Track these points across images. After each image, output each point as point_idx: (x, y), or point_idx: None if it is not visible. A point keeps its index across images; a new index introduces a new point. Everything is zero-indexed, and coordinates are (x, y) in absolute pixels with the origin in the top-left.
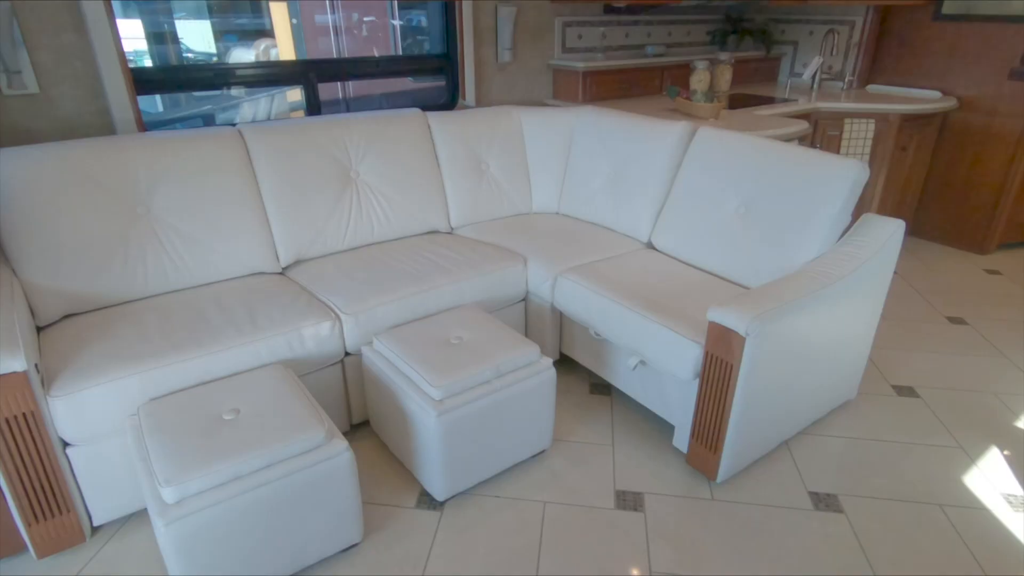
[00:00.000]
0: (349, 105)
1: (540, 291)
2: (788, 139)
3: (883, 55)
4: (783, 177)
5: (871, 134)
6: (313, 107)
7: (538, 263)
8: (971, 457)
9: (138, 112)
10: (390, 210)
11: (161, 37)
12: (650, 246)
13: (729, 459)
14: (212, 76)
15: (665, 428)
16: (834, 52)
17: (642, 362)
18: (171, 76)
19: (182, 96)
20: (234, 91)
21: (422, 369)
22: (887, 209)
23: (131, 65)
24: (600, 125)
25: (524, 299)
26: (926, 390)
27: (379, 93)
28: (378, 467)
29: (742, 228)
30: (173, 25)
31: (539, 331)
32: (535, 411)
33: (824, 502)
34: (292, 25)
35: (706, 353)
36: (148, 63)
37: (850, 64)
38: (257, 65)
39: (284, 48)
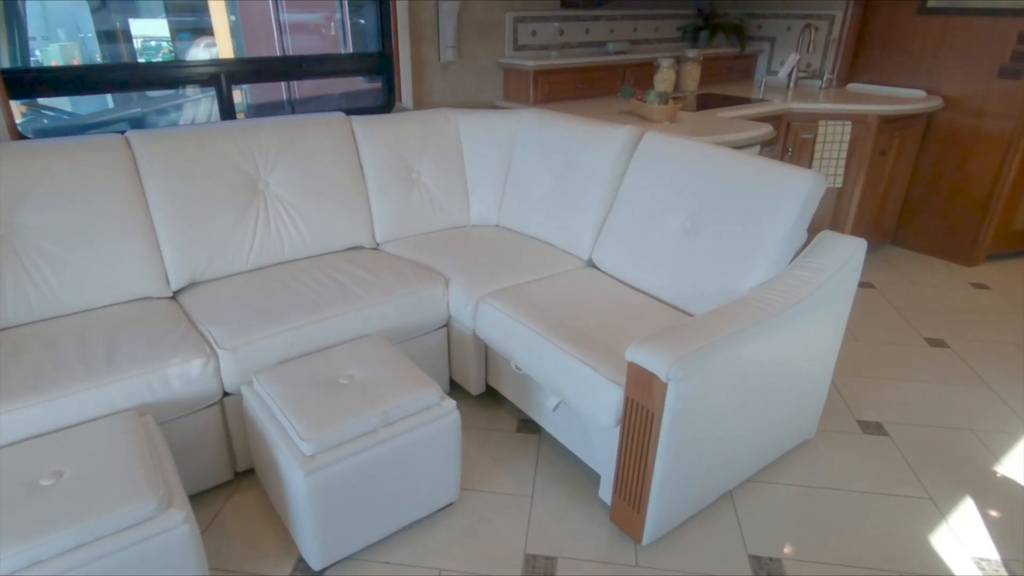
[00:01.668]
0: (295, 107)
1: (462, 317)
2: (750, 144)
3: (865, 52)
4: (731, 190)
5: (847, 137)
6: (227, 112)
7: (460, 285)
8: (941, 511)
9: (10, 117)
10: (303, 225)
11: (112, 36)
12: (591, 264)
13: (656, 518)
14: (115, 77)
15: (593, 476)
16: (811, 49)
17: (562, 402)
18: (66, 77)
19: (134, 95)
20: (189, 90)
21: (294, 417)
22: (865, 218)
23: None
24: (542, 129)
25: (446, 325)
26: (896, 427)
27: (339, 93)
28: (258, 525)
29: (687, 246)
30: (127, 24)
31: (462, 361)
32: (436, 461)
33: (766, 568)
34: (231, 23)
35: (626, 398)
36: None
37: (829, 62)
38: (163, 66)
39: (223, 47)
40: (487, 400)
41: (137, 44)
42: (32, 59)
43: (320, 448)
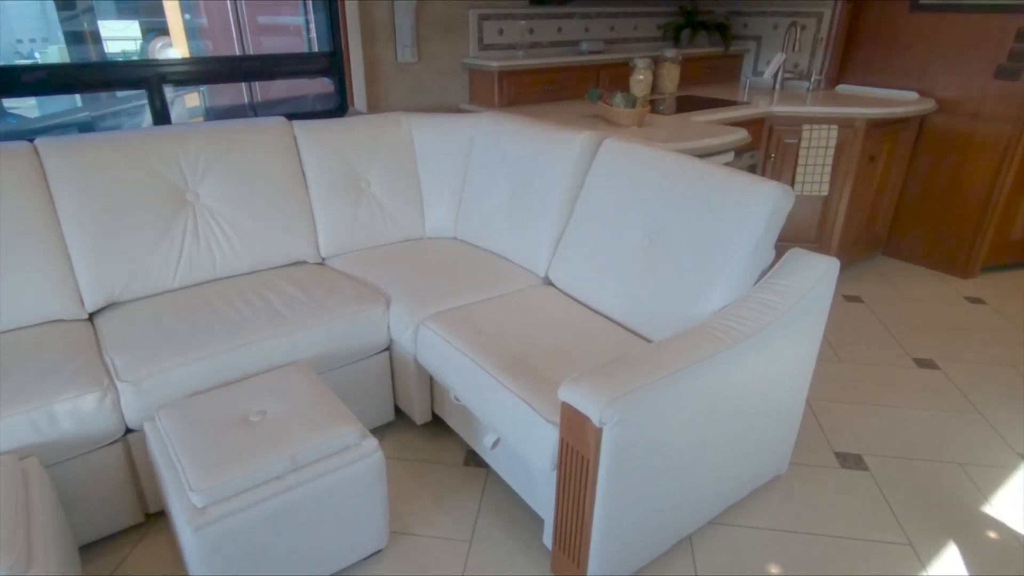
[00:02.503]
0: (257, 110)
1: (402, 341)
2: (724, 150)
3: (855, 51)
4: (690, 203)
5: (833, 142)
6: (161, 117)
7: (402, 306)
8: (921, 560)
9: None
10: (238, 240)
11: (80, 36)
12: (548, 282)
13: (599, 570)
14: (34, 78)
15: (538, 518)
16: (797, 48)
17: (500, 440)
18: None
19: (103, 96)
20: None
21: (189, 463)
22: (853, 228)
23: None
24: (499, 135)
25: (388, 348)
26: (877, 460)
27: (313, 95)
28: (169, 572)
29: (645, 264)
30: (95, 24)
31: (406, 387)
32: (358, 507)
33: None
34: (185, 21)
35: (561, 440)
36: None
37: (817, 62)
38: (89, 67)
39: (180, 47)
40: (434, 429)
41: (116, 47)
42: (32, 61)
43: (213, 499)
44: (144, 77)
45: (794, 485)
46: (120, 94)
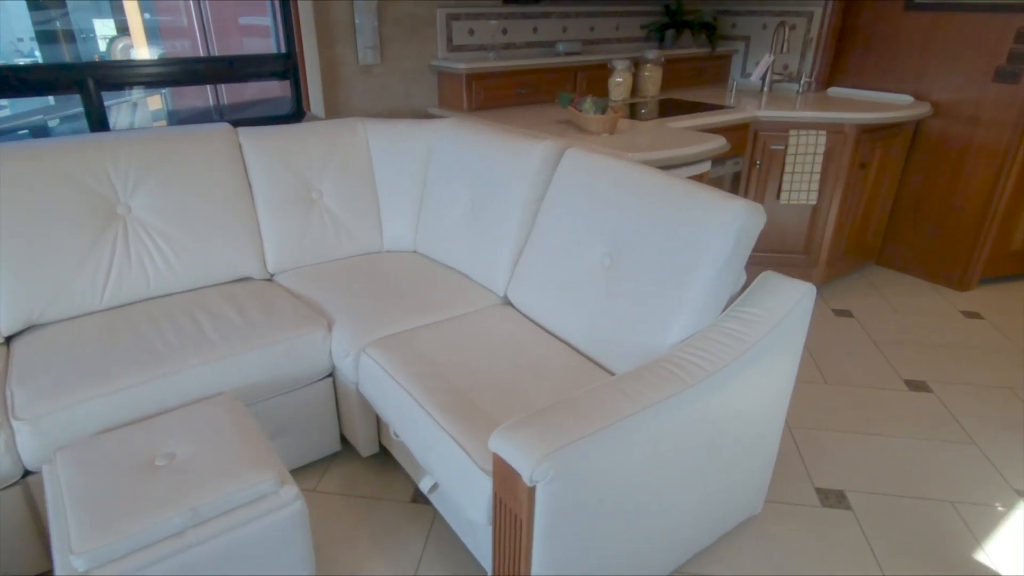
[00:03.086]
0: (223, 113)
1: (344, 368)
2: (700, 159)
3: (847, 52)
4: (653, 221)
5: (821, 148)
6: (97, 122)
7: (345, 330)
8: None
9: None
10: (174, 256)
11: (53, 35)
12: (507, 302)
13: None
14: None
15: (482, 569)
16: (785, 49)
17: (437, 485)
18: None
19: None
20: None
21: (75, 518)
22: (843, 238)
23: None
24: (458, 142)
25: (332, 374)
26: (861, 497)
27: (285, 97)
28: None
29: (605, 286)
30: (69, 22)
31: (350, 417)
32: (274, 563)
33: None
34: (145, 21)
35: (494, 494)
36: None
37: (807, 63)
38: (22, 69)
39: (141, 47)
40: (382, 461)
41: (102, 45)
42: (33, 60)
43: (97, 563)
44: (76, 80)
45: (769, 527)
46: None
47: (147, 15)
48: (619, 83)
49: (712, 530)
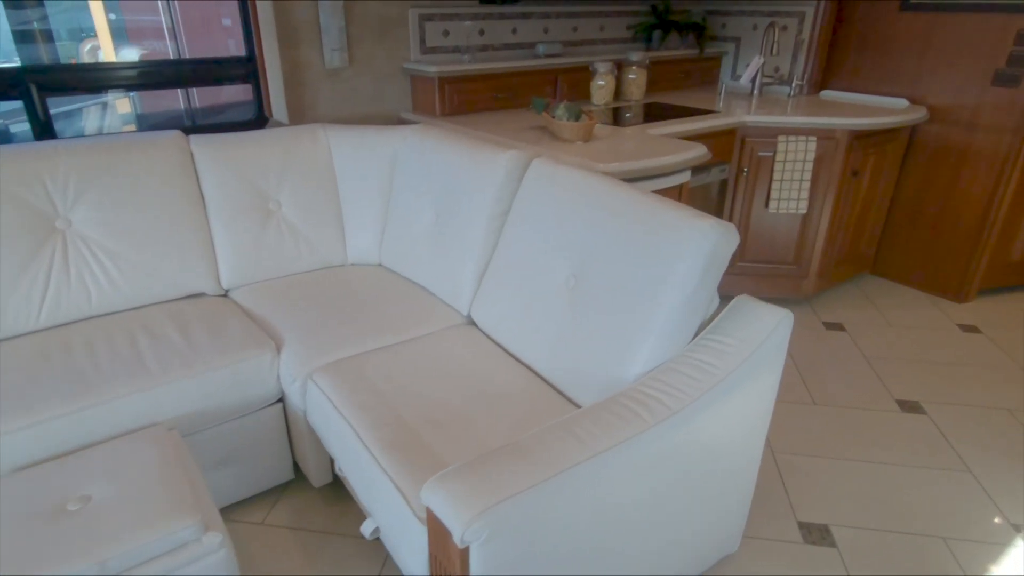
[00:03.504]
0: (195, 117)
1: (292, 394)
2: (680, 168)
3: (840, 54)
4: (621, 239)
5: (811, 155)
6: (41, 129)
7: (294, 353)
8: None
9: None
10: (118, 272)
11: (31, 35)
12: (471, 321)
13: None
14: None
15: None
16: (775, 51)
17: (379, 529)
18: None
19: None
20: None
21: None
22: (835, 248)
23: None
24: (423, 151)
25: (282, 399)
26: (847, 532)
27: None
28: None
29: (570, 309)
30: (47, 22)
31: (301, 444)
32: None
33: None
34: (110, 21)
35: (430, 551)
36: None
37: (799, 65)
38: None
39: (107, 49)
40: (336, 491)
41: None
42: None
43: None
44: (13, 85)
45: (747, 566)
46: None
47: (112, 15)
48: (601, 86)
49: (683, 572)
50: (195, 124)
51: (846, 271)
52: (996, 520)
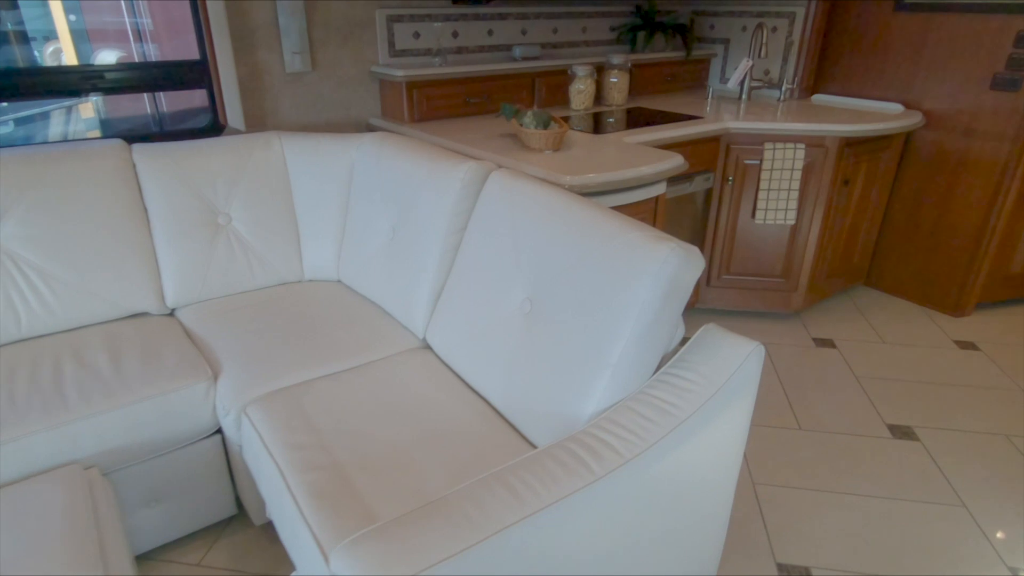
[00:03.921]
0: (163, 123)
1: (228, 426)
2: (656, 180)
3: (832, 56)
4: (578, 263)
5: (800, 163)
6: None
7: (230, 381)
8: None
9: None
10: (50, 292)
11: (3, 36)
12: (427, 345)
13: None
14: None
15: None
16: (763, 54)
17: None
18: None
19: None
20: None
21: None
22: (825, 261)
23: None
24: (381, 160)
25: (220, 431)
26: (828, 575)
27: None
28: None
29: (525, 337)
30: (22, 22)
31: (242, 478)
32: None
33: None
34: (70, 23)
35: None
36: None
37: (790, 68)
38: None
39: (68, 51)
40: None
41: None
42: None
43: None
44: None
45: None
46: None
47: (72, 16)
48: (580, 91)
49: None
50: (150, 132)
51: (838, 284)
52: (992, 563)
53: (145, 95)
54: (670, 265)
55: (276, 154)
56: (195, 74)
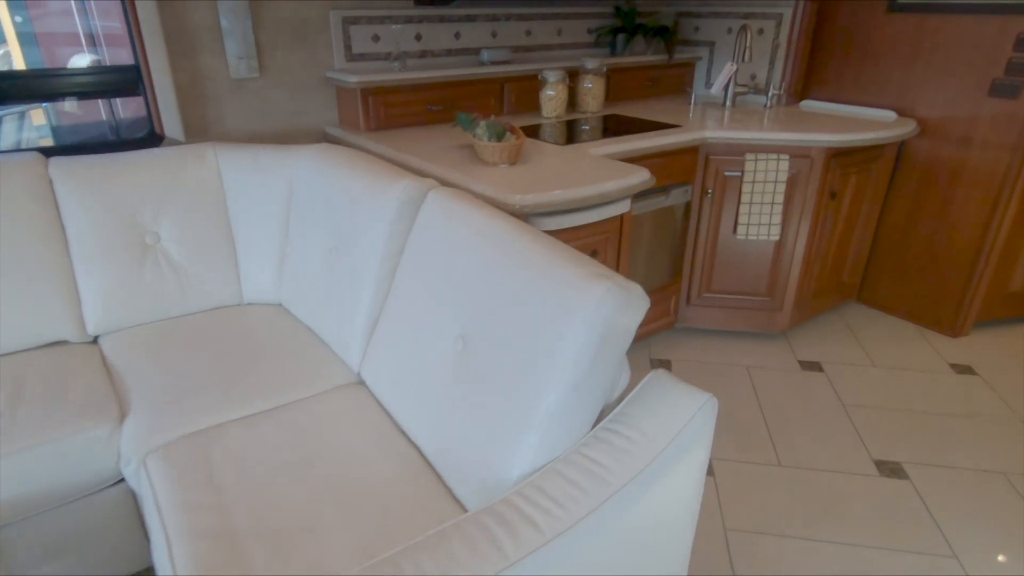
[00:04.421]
0: (120, 130)
1: (129, 476)
2: (613, 199)
3: (822, 60)
4: (510, 299)
5: (784, 175)
6: None
7: (137, 424)
8: None
9: None
10: None
11: None
12: (362, 381)
13: None
14: None
15: None
16: (747, 57)
17: None
18: None
19: None
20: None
21: None
22: (812, 279)
23: None
24: (320, 175)
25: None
26: None
27: None
28: None
29: (456, 380)
30: None
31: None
32: None
33: None
34: (16, 25)
35: None
36: None
37: (777, 73)
38: None
39: (17, 55)
40: None
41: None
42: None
43: None
44: None
45: None
46: None
47: (18, 18)
48: (551, 97)
49: None
50: (119, 138)
51: (827, 302)
52: None
53: (100, 102)
54: (606, 307)
55: (210, 167)
56: (128, 81)
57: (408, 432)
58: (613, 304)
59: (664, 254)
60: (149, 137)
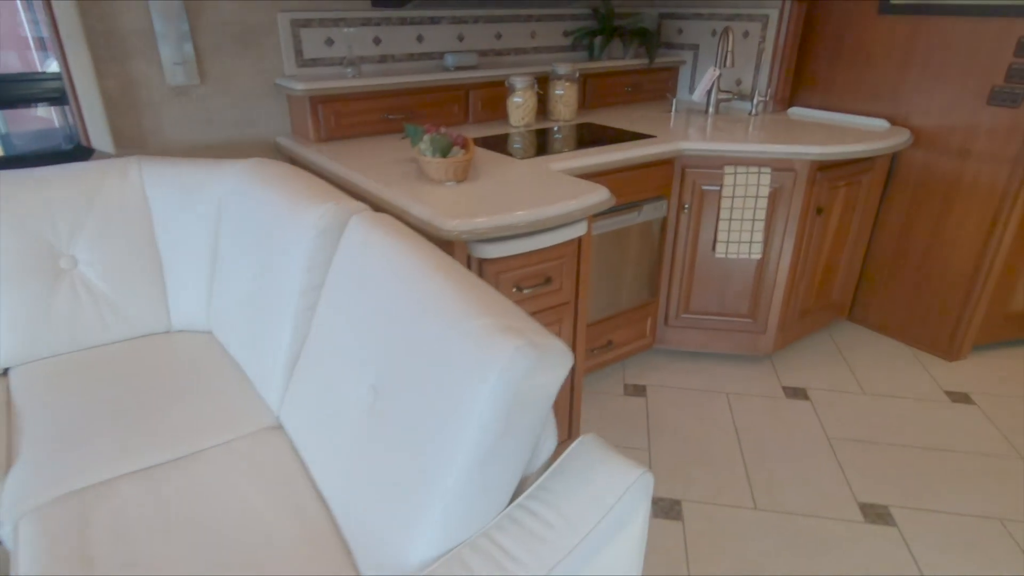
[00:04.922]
0: (75, 137)
1: (6, 539)
2: (566, 222)
3: (811, 65)
4: (419, 350)
5: (765, 190)
6: None
7: (19, 479)
8: None
9: None
10: None
11: None
12: (280, 425)
13: None
14: None
15: None
16: (729, 62)
17: None
18: None
19: None
20: None
21: None
22: (798, 300)
23: None
24: (247, 197)
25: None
26: None
27: None
28: None
29: (366, 434)
30: None
31: None
32: None
33: None
34: None
35: None
36: None
37: (763, 78)
38: None
39: None
40: None
41: None
42: None
43: None
44: None
45: None
46: None
47: None
48: (519, 105)
49: None
50: (74, 145)
51: (816, 321)
52: None
53: (53, 108)
54: (517, 368)
55: (133, 184)
56: (53, 89)
57: (320, 487)
58: (525, 365)
59: (640, 271)
60: (76, 150)
